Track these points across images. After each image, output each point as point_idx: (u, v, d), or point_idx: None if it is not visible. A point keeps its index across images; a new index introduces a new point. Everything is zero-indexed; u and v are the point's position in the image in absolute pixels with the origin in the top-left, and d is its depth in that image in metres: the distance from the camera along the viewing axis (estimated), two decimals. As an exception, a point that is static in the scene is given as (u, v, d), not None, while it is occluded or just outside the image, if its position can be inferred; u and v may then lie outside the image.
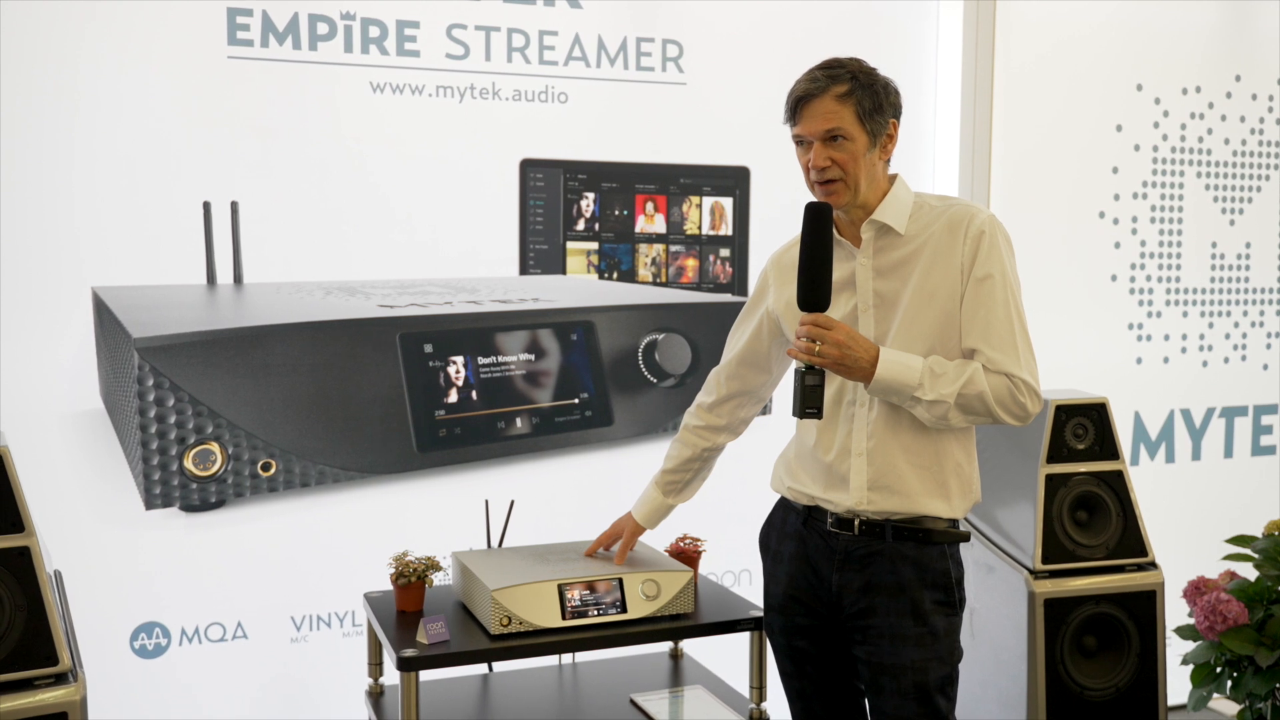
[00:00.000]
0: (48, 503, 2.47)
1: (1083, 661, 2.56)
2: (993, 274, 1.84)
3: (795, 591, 1.99)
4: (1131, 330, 3.57)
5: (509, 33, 2.86)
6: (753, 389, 2.17)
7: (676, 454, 2.22)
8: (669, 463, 2.22)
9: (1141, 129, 3.51)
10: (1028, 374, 1.83)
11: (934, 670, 1.87)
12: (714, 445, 2.21)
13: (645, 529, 2.23)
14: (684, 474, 2.22)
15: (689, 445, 2.20)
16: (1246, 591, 2.58)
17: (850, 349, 1.80)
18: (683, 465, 2.21)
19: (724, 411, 2.18)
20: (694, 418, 2.21)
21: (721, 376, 2.18)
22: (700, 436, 2.19)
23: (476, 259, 2.88)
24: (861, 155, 1.85)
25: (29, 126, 2.47)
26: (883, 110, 1.86)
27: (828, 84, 1.85)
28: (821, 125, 1.84)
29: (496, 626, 1.98)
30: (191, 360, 2.50)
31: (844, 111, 1.84)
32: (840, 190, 1.87)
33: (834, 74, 1.85)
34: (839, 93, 1.84)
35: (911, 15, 3.28)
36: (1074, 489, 2.61)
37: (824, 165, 1.85)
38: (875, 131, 1.86)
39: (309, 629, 2.79)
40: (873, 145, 1.86)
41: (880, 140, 1.87)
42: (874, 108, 1.85)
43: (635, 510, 2.24)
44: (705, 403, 2.19)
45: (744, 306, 2.16)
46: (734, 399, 2.17)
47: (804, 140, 1.88)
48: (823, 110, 1.84)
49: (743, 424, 2.22)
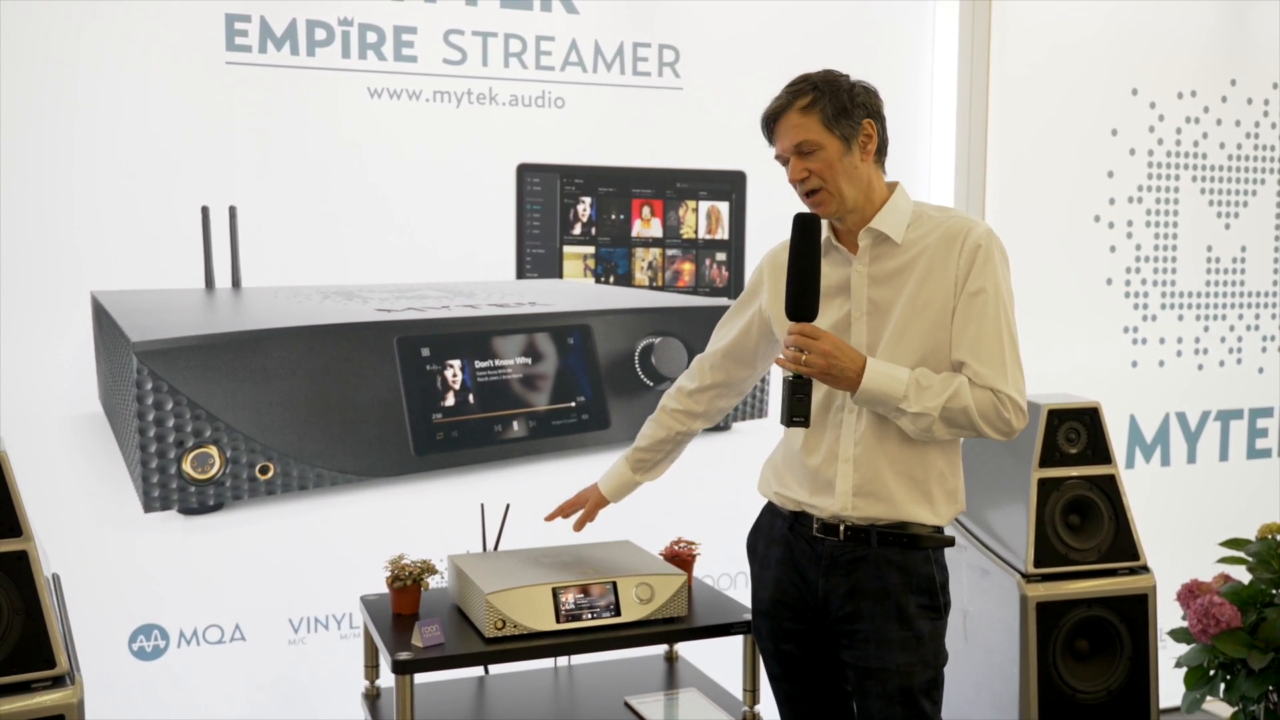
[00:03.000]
0: (47, 505, 2.48)
1: (1075, 665, 2.57)
2: (986, 289, 1.86)
3: (782, 596, 2.00)
4: (1127, 334, 3.58)
5: (506, 38, 2.87)
6: (735, 381, 2.20)
7: (650, 434, 2.24)
8: (641, 441, 2.25)
9: (1137, 133, 3.52)
10: (1014, 390, 1.85)
11: (919, 674, 1.89)
12: (688, 430, 2.23)
13: (609, 502, 2.28)
14: (655, 454, 2.25)
15: (663, 426, 2.23)
16: (1240, 595, 2.59)
17: (836, 359, 1.82)
18: (654, 445, 2.24)
19: (703, 399, 2.21)
20: (673, 400, 2.23)
21: (706, 365, 2.20)
22: (676, 420, 2.22)
23: (474, 263, 2.90)
24: (836, 161, 1.87)
25: (28, 130, 2.48)
26: (849, 113, 1.88)
27: (790, 100, 1.89)
28: (790, 140, 1.89)
29: (491, 630, 2.00)
30: (190, 364, 2.51)
31: (808, 122, 1.87)
32: (825, 199, 1.89)
33: (796, 89, 1.90)
34: (802, 105, 1.88)
35: (907, 19, 3.28)
36: (1066, 493, 2.62)
37: (802, 177, 1.89)
38: (846, 135, 1.88)
39: (306, 631, 2.80)
40: (847, 149, 1.88)
41: (856, 142, 1.89)
42: (838, 111, 1.87)
43: (602, 483, 2.28)
44: (686, 388, 2.22)
45: (738, 298, 2.18)
46: (715, 389, 2.20)
47: (783, 158, 1.93)
48: (789, 125, 1.89)
49: (720, 413, 2.25)
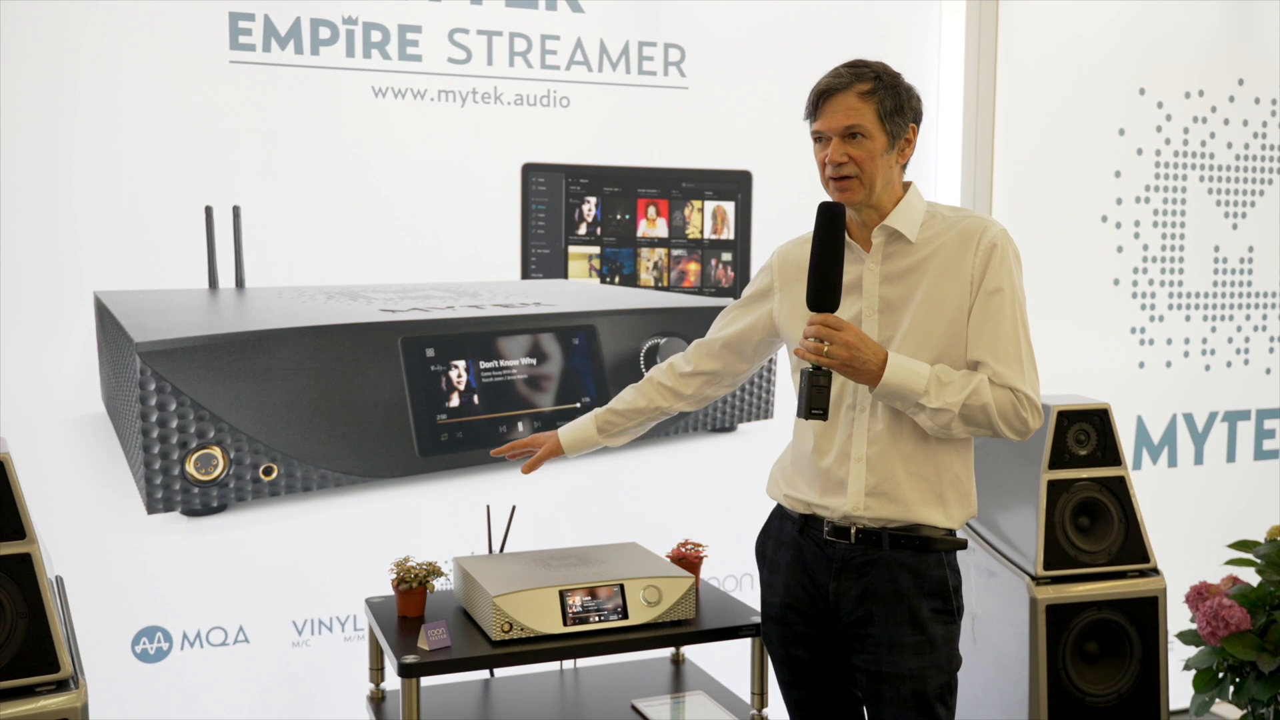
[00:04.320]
0: (50, 507, 2.47)
1: (1085, 668, 2.56)
2: (1003, 288, 1.84)
3: (792, 600, 1.99)
4: (1134, 334, 3.56)
5: (511, 37, 2.86)
6: (729, 373, 2.16)
7: (629, 399, 2.19)
8: (617, 404, 2.20)
9: (1144, 132, 3.50)
10: (1031, 390, 1.83)
11: (933, 679, 1.87)
12: (668, 407, 2.18)
13: (564, 454, 2.20)
14: (626, 421, 2.19)
15: (644, 396, 2.18)
16: (1249, 597, 2.57)
17: (859, 351, 1.79)
18: (630, 412, 2.18)
19: (693, 383, 2.17)
20: (662, 375, 2.18)
21: (703, 352, 2.16)
22: (660, 394, 2.17)
23: (478, 263, 2.88)
24: (879, 155, 1.85)
25: (30, 130, 2.47)
26: (903, 113, 1.86)
27: (852, 80, 1.84)
28: (842, 120, 1.84)
29: (498, 633, 1.98)
30: (193, 364, 2.50)
31: (865, 109, 1.83)
32: (855, 187, 1.86)
33: (859, 72, 1.85)
34: (862, 90, 1.84)
35: (914, 18, 3.27)
36: (1076, 495, 2.61)
37: (841, 161, 1.85)
38: (895, 133, 1.86)
39: (310, 633, 2.79)
40: (891, 147, 1.86)
41: (899, 143, 1.87)
42: (895, 109, 1.85)
43: (562, 433, 2.21)
44: (679, 368, 2.17)
45: (745, 291, 2.14)
46: (707, 375, 2.16)
47: (823, 136, 1.87)
48: (844, 106, 1.84)
49: (705, 400, 2.21)
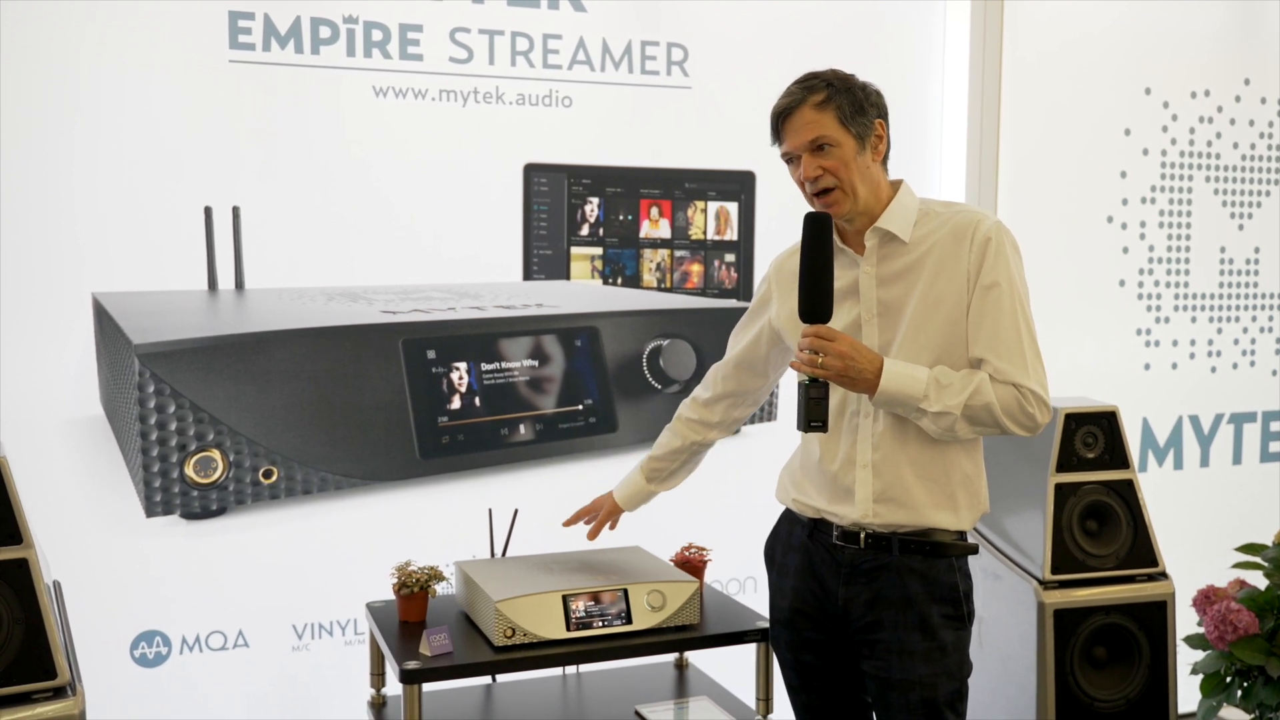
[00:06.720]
0: (48, 510, 2.45)
1: (1093, 672, 2.54)
2: (999, 282, 1.82)
3: (801, 605, 1.97)
4: (1139, 336, 3.55)
5: (513, 36, 2.84)
6: (748, 391, 2.18)
7: (665, 442, 2.22)
8: (656, 449, 2.23)
9: (1150, 133, 3.48)
10: (1036, 384, 1.81)
11: (943, 685, 1.85)
12: (703, 440, 2.20)
13: (624, 510, 2.25)
14: (669, 463, 2.22)
15: (678, 435, 2.21)
16: (1257, 601, 2.56)
17: (854, 360, 1.78)
18: (669, 455, 2.21)
19: (718, 409, 2.18)
20: (688, 410, 2.21)
21: (719, 375, 2.18)
22: (691, 429, 2.20)
23: (480, 264, 2.86)
24: (852, 160, 1.83)
25: (29, 130, 2.45)
26: (864, 111, 1.84)
27: (805, 95, 1.84)
28: (806, 135, 1.83)
29: (500, 638, 1.96)
30: (192, 366, 2.48)
31: (825, 118, 1.82)
32: (839, 199, 1.85)
33: (810, 85, 1.85)
34: (816, 101, 1.83)
35: (919, 18, 3.25)
36: (1084, 498, 2.59)
37: (816, 175, 1.84)
38: (861, 134, 1.84)
39: (311, 637, 2.77)
40: (861, 148, 1.84)
41: (869, 141, 1.85)
42: (854, 109, 1.83)
43: (616, 491, 2.26)
44: (701, 398, 2.20)
45: (749, 308, 2.16)
46: (729, 398, 2.18)
47: (792, 156, 1.87)
48: (803, 121, 1.83)
49: (736, 423, 2.22)
